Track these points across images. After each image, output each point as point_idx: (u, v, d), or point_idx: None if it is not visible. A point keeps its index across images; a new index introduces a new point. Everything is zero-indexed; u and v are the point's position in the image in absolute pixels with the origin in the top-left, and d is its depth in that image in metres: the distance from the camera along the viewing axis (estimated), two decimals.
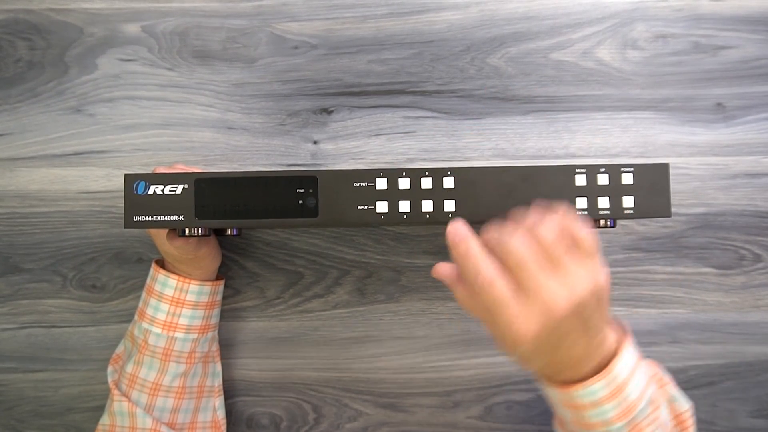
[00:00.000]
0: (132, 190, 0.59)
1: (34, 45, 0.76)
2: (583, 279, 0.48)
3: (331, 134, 0.76)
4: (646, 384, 0.53)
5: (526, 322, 0.47)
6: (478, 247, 0.50)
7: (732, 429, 0.76)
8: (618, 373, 0.51)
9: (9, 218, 0.76)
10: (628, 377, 0.52)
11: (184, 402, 0.69)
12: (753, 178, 0.75)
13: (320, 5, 0.76)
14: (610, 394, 0.51)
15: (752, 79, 0.76)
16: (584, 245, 0.50)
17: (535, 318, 0.47)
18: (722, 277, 0.76)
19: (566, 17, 0.76)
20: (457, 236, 0.51)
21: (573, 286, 0.48)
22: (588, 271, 0.49)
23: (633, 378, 0.52)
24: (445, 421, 0.76)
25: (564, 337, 0.49)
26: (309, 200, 0.59)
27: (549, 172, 0.60)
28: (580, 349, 0.50)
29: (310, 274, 0.76)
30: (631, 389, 0.52)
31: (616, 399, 0.51)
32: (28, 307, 0.76)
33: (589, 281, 0.48)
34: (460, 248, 0.50)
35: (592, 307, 0.49)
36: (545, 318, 0.47)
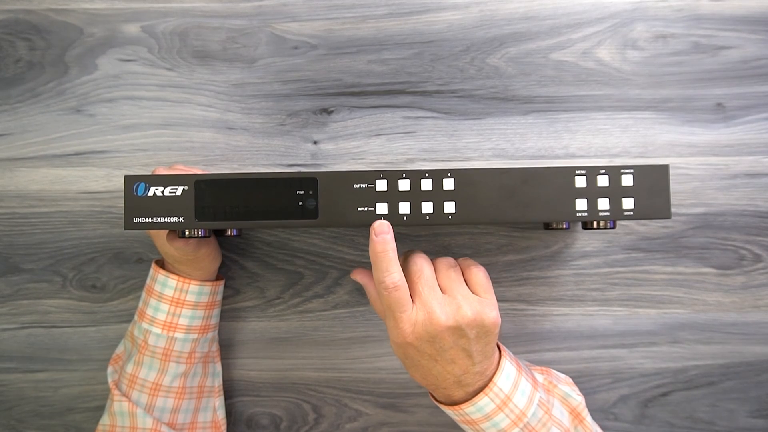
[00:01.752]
0: (132, 192, 0.59)
1: (34, 45, 0.76)
2: (465, 310, 0.56)
3: (331, 134, 0.76)
4: (533, 390, 0.59)
5: (411, 323, 0.56)
6: (394, 251, 0.57)
7: (732, 429, 0.77)
8: (501, 386, 0.58)
9: (9, 218, 0.76)
10: (513, 388, 0.58)
11: (184, 402, 0.70)
12: (753, 178, 0.75)
13: (320, 5, 0.76)
14: (497, 407, 0.57)
15: (752, 79, 0.76)
16: (475, 281, 0.59)
17: (419, 323, 0.56)
18: (722, 277, 0.76)
19: (566, 17, 0.76)
20: (380, 234, 0.58)
21: (455, 311, 0.56)
22: (474, 305, 0.57)
23: (518, 388, 0.58)
24: (445, 421, 0.76)
25: (442, 351, 0.56)
26: (309, 202, 0.59)
27: (549, 173, 0.60)
28: (457, 370, 0.57)
29: (310, 274, 0.76)
30: (517, 398, 0.58)
31: (505, 409, 0.58)
32: (28, 307, 0.76)
33: (471, 313, 0.56)
34: (378, 246, 0.57)
35: (473, 336, 0.56)
36: (425, 325, 0.56)
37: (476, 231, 0.76)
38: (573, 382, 0.68)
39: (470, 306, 0.57)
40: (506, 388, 0.58)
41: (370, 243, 0.58)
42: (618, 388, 0.76)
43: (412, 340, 0.56)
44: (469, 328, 0.56)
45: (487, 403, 0.57)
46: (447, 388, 0.58)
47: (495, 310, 0.58)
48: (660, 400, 0.76)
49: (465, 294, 0.58)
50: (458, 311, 0.56)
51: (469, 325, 0.56)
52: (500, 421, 0.57)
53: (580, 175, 0.60)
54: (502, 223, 0.75)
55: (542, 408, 0.59)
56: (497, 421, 0.58)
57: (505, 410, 0.57)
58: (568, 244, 0.76)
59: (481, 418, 0.58)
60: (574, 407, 0.64)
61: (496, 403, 0.57)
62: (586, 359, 0.76)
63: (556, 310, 0.76)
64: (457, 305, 0.56)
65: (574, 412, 0.64)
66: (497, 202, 0.60)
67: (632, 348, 0.76)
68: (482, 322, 0.57)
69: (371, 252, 0.58)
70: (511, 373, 0.59)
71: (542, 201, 0.60)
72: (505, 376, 0.58)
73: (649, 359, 0.76)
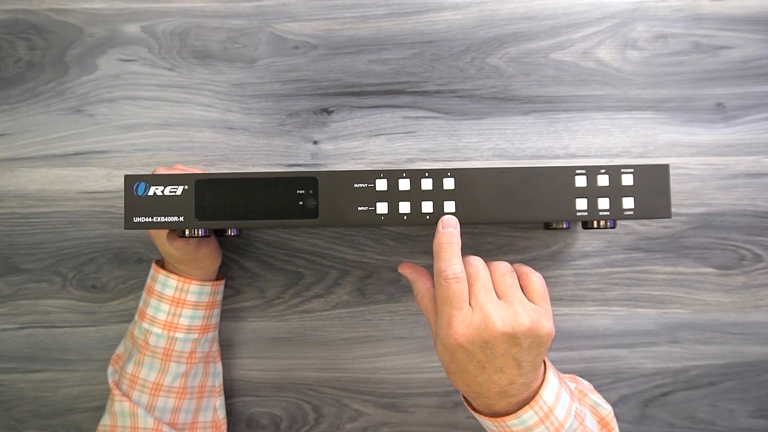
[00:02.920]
0: (132, 192, 0.59)
1: (34, 45, 0.76)
2: (522, 318, 0.54)
3: (331, 134, 0.76)
4: (571, 401, 0.58)
5: (465, 324, 0.54)
6: (459, 246, 0.57)
7: (732, 429, 0.77)
8: (546, 399, 0.56)
9: (9, 218, 0.76)
10: (555, 401, 0.57)
11: (184, 402, 0.70)
12: (753, 178, 0.75)
13: (320, 5, 0.76)
14: (539, 420, 0.56)
15: (752, 79, 0.76)
16: (532, 288, 0.58)
17: (474, 325, 0.54)
18: (722, 277, 0.76)
19: (566, 17, 0.76)
20: (448, 226, 0.57)
21: (512, 317, 0.54)
22: (531, 313, 0.55)
23: (559, 400, 0.57)
24: (445, 421, 0.76)
25: (492, 358, 0.55)
26: (309, 201, 0.59)
27: (549, 173, 0.60)
28: (504, 380, 0.55)
29: (310, 274, 0.76)
30: (558, 411, 0.57)
31: (546, 422, 0.56)
32: (28, 307, 0.76)
33: (528, 321, 0.54)
34: (444, 238, 0.57)
35: (526, 346, 0.55)
36: (480, 329, 0.54)
37: (476, 231, 0.76)
38: (595, 389, 0.67)
39: (527, 314, 0.55)
40: (550, 400, 0.56)
41: (435, 235, 0.57)
42: (618, 388, 0.76)
43: (464, 342, 0.54)
44: (525, 336, 0.54)
45: (531, 416, 0.55)
46: (490, 398, 0.56)
47: (551, 321, 0.56)
48: (660, 400, 0.76)
49: (522, 301, 0.56)
50: (515, 318, 0.54)
51: (524, 333, 0.54)
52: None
53: (580, 174, 0.60)
54: (502, 223, 0.75)
55: (578, 419, 0.58)
56: None
57: (546, 423, 0.56)
58: (568, 244, 0.76)
59: (521, 430, 0.56)
60: (603, 416, 0.64)
61: (539, 416, 0.56)
62: (586, 359, 0.76)
63: (556, 310, 0.76)
64: (514, 312, 0.55)
65: (603, 421, 0.63)
66: (497, 202, 0.60)
67: (632, 348, 0.76)
68: (538, 332, 0.55)
69: (436, 243, 0.57)
70: (554, 386, 0.57)
71: (542, 201, 0.60)
72: (549, 388, 0.57)
73: (649, 359, 0.76)
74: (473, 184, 0.60)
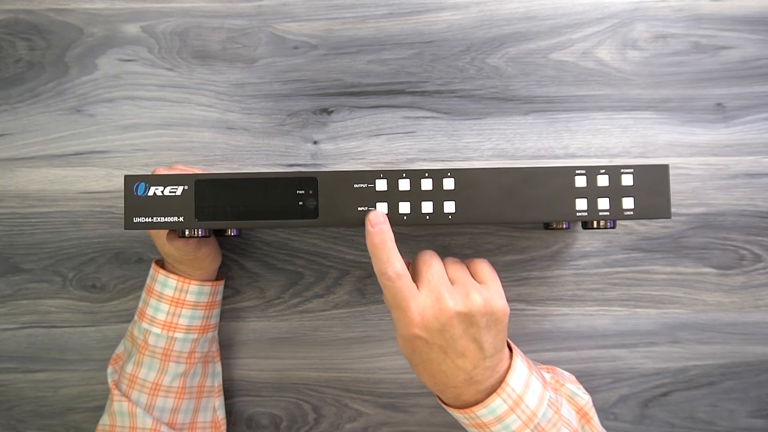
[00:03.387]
0: (132, 192, 0.59)
1: (34, 45, 0.76)
2: (474, 296, 0.55)
3: (331, 134, 0.76)
4: (543, 389, 0.58)
5: (419, 310, 0.55)
6: (392, 241, 0.57)
7: (732, 429, 0.77)
8: (513, 387, 0.56)
9: (9, 218, 0.76)
10: (524, 388, 0.57)
11: (184, 402, 0.70)
12: (753, 178, 0.75)
13: (320, 5, 0.76)
14: (509, 408, 0.56)
15: (752, 79, 0.76)
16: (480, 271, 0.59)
17: (428, 309, 0.55)
18: (722, 277, 0.76)
19: (566, 17, 0.76)
20: (378, 223, 0.57)
21: (464, 297, 0.55)
22: (482, 294, 0.56)
23: (529, 387, 0.57)
24: (445, 421, 0.76)
25: (452, 341, 0.55)
26: (309, 201, 0.59)
27: (549, 173, 0.60)
28: (468, 364, 0.55)
29: (310, 274, 0.76)
30: (528, 398, 0.56)
31: (516, 411, 0.56)
32: (28, 307, 0.76)
33: (481, 299, 0.55)
34: (377, 238, 0.57)
35: (483, 325, 0.55)
36: (435, 313, 0.55)
37: (476, 231, 0.76)
38: (577, 380, 0.68)
39: (479, 293, 0.55)
40: (518, 388, 0.56)
41: (366, 235, 0.57)
42: (618, 388, 0.76)
43: (421, 331, 0.55)
44: (480, 315, 0.55)
45: (499, 404, 0.55)
46: (457, 387, 0.56)
47: (503, 298, 0.57)
48: (660, 400, 0.76)
49: (472, 283, 0.57)
50: (467, 297, 0.55)
51: (479, 311, 0.55)
52: (512, 423, 0.56)
53: (580, 174, 0.60)
54: (502, 223, 0.75)
55: (552, 408, 0.58)
56: (508, 423, 0.56)
57: (516, 411, 0.56)
58: (568, 244, 0.76)
59: (492, 420, 0.56)
60: (581, 406, 0.64)
61: (508, 404, 0.55)
62: (586, 359, 0.76)
63: (556, 310, 0.76)
64: (465, 291, 0.55)
65: (581, 411, 0.63)
66: (497, 202, 0.60)
67: (632, 348, 0.76)
68: (492, 309, 0.55)
69: (369, 244, 0.57)
70: (522, 373, 0.57)
71: (542, 201, 0.60)
72: (517, 375, 0.57)
73: (649, 359, 0.76)
74: (473, 184, 0.60)
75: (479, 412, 0.56)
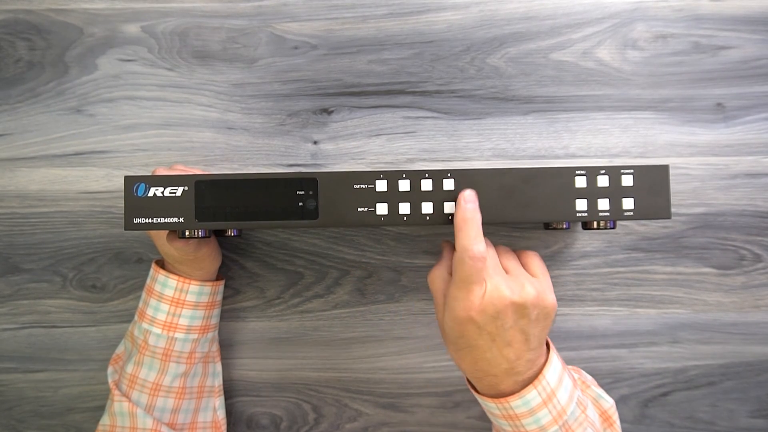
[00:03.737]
0: (132, 192, 0.59)
1: (34, 45, 0.76)
2: (529, 288, 0.56)
3: (331, 134, 0.76)
4: (573, 387, 0.59)
5: (479, 297, 0.55)
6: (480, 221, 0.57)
7: (732, 429, 0.77)
8: (549, 380, 0.57)
9: (9, 218, 0.76)
10: (558, 383, 0.57)
11: (184, 402, 0.70)
12: (753, 178, 0.75)
13: (320, 5, 0.76)
14: (543, 402, 0.56)
15: (752, 79, 0.76)
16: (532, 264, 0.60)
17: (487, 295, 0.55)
18: (722, 277, 0.76)
19: (566, 17, 0.76)
20: (470, 201, 0.58)
21: (520, 288, 0.56)
22: (536, 286, 0.57)
23: (562, 383, 0.57)
24: (445, 421, 0.76)
25: (502, 329, 0.55)
26: (309, 202, 0.59)
27: (549, 174, 0.60)
28: (512, 354, 0.56)
29: (310, 274, 0.76)
30: (561, 394, 0.57)
31: (549, 405, 0.56)
32: (28, 307, 0.76)
33: (535, 293, 0.56)
34: (468, 213, 0.57)
35: (533, 318, 0.56)
36: (492, 299, 0.55)
37: None
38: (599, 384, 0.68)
39: (533, 285, 0.56)
40: (553, 382, 0.57)
41: (457, 208, 0.58)
42: (618, 388, 0.76)
43: (476, 315, 0.55)
44: (533, 307, 0.56)
45: (534, 396, 0.56)
46: (497, 375, 0.57)
47: (553, 293, 0.58)
48: (660, 400, 0.76)
49: (526, 275, 0.58)
50: (523, 288, 0.56)
51: (532, 304, 0.56)
52: (542, 417, 0.56)
53: (580, 175, 0.60)
54: (502, 223, 0.75)
55: (580, 407, 0.59)
56: (540, 417, 0.56)
57: (548, 405, 0.56)
58: (568, 244, 0.76)
59: (525, 412, 0.56)
60: (605, 410, 0.64)
61: (542, 397, 0.56)
62: (586, 359, 0.76)
63: (557, 310, 0.76)
64: (521, 283, 0.56)
65: (605, 414, 0.64)
66: (497, 202, 0.60)
67: (632, 348, 0.76)
68: (544, 302, 0.57)
69: (459, 218, 0.57)
70: (557, 368, 0.58)
71: (542, 201, 0.60)
72: (553, 369, 0.57)
73: (649, 359, 0.76)
74: (473, 184, 0.60)
75: (514, 403, 0.56)
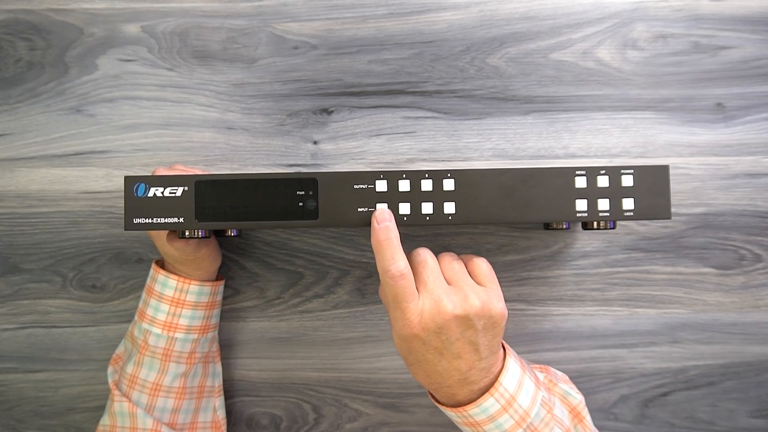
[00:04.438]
0: (132, 193, 0.59)
1: (34, 45, 0.76)
2: (472, 300, 0.55)
3: (331, 134, 0.76)
4: (536, 389, 0.58)
5: (417, 313, 0.55)
6: (398, 239, 0.57)
7: (732, 429, 0.77)
8: (506, 386, 0.57)
9: (9, 218, 0.76)
10: (517, 388, 0.57)
11: (184, 402, 0.70)
12: (753, 178, 0.75)
13: (320, 5, 0.76)
14: (502, 408, 0.56)
15: (752, 79, 0.76)
16: (479, 272, 0.59)
17: (426, 312, 0.55)
18: (722, 277, 0.76)
19: (566, 17, 0.76)
20: (383, 220, 0.57)
21: (462, 300, 0.55)
22: (480, 297, 0.56)
23: (522, 387, 0.57)
24: (445, 421, 0.76)
25: (448, 343, 0.55)
26: (309, 202, 0.59)
27: (549, 174, 0.60)
28: (463, 365, 0.56)
29: (310, 274, 0.76)
30: (521, 398, 0.57)
31: (509, 410, 0.56)
32: (28, 307, 0.76)
33: (479, 302, 0.55)
34: (382, 234, 0.56)
35: (480, 328, 0.56)
36: (433, 315, 0.54)
37: (476, 231, 0.76)
38: (570, 380, 0.68)
39: (477, 295, 0.56)
40: (511, 387, 0.57)
41: (372, 232, 0.57)
42: (618, 388, 0.76)
43: (419, 332, 0.55)
44: (477, 318, 0.55)
45: (492, 404, 0.56)
46: (451, 387, 0.57)
47: (501, 301, 0.57)
48: (660, 400, 0.76)
49: (471, 284, 0.57)
50: (465, 300, 0.55)
51: (477, 315, 0.55)
52: (504, 422, 0.56)
53: (580, 175, 0.60)
54: (502, 223, 0.74)
55: (545, 407, 0.58)
56: (501, 423, 0.56)
57: (509, 411, 0.56)
58: (568, 244, 0.76)
59: (485, 419, 0.56)
60: (574, 406, 0.64)
61: (501, 403, 0.56)
62: (586, 359, 0.76)
63: (556, 310, 0.76)
64: (464, 294, 0.55)
65: (574, 411, 0.64)
66: (497, 203, 0.60)
67: (632, 348, 0.76)
68: (490, 312, 0.56)
69: (374, 241, 0.57)
70: (516, 372, 0.58)
71: (542, 201, 0.60)
72: (510, 375, 0.57)
73: (649, 359, 0.76)
74: (473, 184, 0.60)
75: (472, 411, 0.56)
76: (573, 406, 0.64)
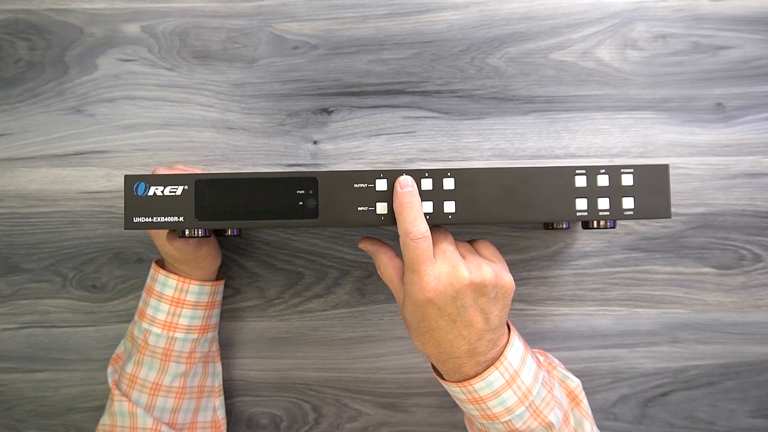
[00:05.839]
0: (132, 192, 0.59)
1: (34, 45, 0.76)
2: (486, 268, 0.57)
3: (331, 134, 0.76)
4: (538, 368, 0.59)
5: (435, 276, 0.55)
6: (420, 204, 0.58)
7: (732, 429, 0.77)
8: (511, 360, 0.57)
9: (9, 218, 0.76)
10: (521, 364, 0.58)
11: (184, 402, 0.70)
12: (753, 178, 0.75)
13: (320, 5, 0.76)
14: (506, 383, 0.57)
15: (752, 79, 0.76)
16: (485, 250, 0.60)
17: (444, 275, 0.56)
18: (722, 277, 0.76)
19: (566, 17, 0.76)
20: (406, 186, 0.58)
21: (477, 268, 0.56)
22: (492, 266, 0.57)
23: (525, 364, 0.58)
24: (445, 421, 0.76)
25: (462, 309, 0.56)
26: (309, 201, 0.59)
27: (549, 173, 0.60)
28: (473, 335, 0.56)
29: (310, 274, 0.76)
30: (524, 375, 0.57)
31: (513, 386, 0.57)
32: (28, 307, 0.76)
33: (491, 272, 0.57)
34: (405, 197, 0.57)
35: (492, 297, 0.57)
36: (450, 279, 0.55)
37: (476, 231, 0.76)
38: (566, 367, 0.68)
39: (489, 266, 0.57)
40: (515, 363, 0.57)
41: (394, 196, 0.58)
42: (618, 388, 0.76)
43: (434, 296, 0.55)
44: (491, 286, 0.56)
45: (497, 377, 0.56)
46: (459, 357, 0.57)
47: (509, 274, 0.59)
48: (660, 400, 0.76)
49: (482, 258, 0.59)
50: (480, 268, 0.56)
51: (490, 283, 0.56)
52: (507, 398, 0.57)
53: (580, 174, 0.60)
54: (502, 223, 0.75)
55: (545, 387, 0.59)
56: (505, 398, 0.57)
57: (513, 386, 0.57)
58: (568, 244, 0.76)
59: (489, 394, 0.57)
60: (572, 389, 0.64)
61: (505, 378, 0.56)
62: (586, 359, 0.76)
63: (556, 310, 0.76)
64: (478, 263, 0.57)
65: (572, 394, 0.64)
66: (497, 202, 0.60)
67: (632, 348, 0.76)
68: (501, 281, 0.57)
69: (396, 204, 0.57)
70: (519, 348, 0.58)
71: (542, 201, 0.60)
72: (514, 350, 0.58)
73: (649, 359, 0.76)
74: (473, 184, 0.60)
75: (477, 385, 0.57)
76: (571, 389, 0.64)
